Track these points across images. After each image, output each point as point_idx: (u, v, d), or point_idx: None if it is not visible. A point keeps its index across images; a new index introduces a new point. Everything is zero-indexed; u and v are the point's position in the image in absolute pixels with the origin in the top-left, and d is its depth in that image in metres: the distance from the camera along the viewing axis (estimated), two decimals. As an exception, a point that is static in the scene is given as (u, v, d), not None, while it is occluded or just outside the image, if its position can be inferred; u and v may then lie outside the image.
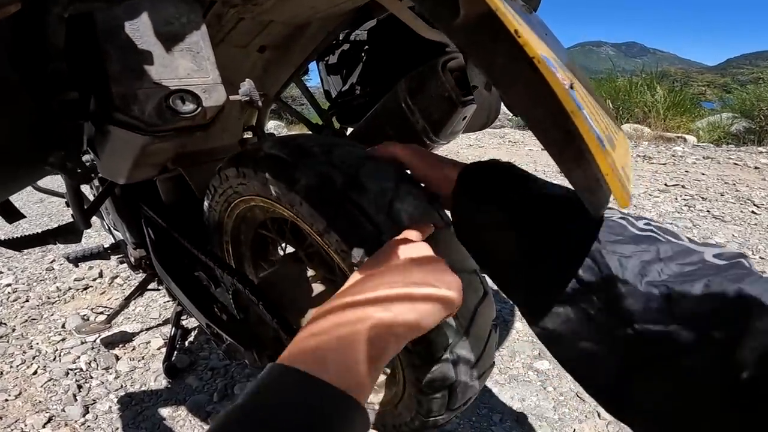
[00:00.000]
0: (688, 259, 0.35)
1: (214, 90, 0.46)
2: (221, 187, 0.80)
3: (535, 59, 0.30)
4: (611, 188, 0.32)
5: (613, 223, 0.40)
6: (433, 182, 0.60)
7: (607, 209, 0.42)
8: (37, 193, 3.71)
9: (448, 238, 0.62)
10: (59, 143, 0.41)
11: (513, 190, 0.48)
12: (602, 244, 0.37)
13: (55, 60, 0.38)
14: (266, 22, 0.76)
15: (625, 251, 0.36)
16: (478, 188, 0.51)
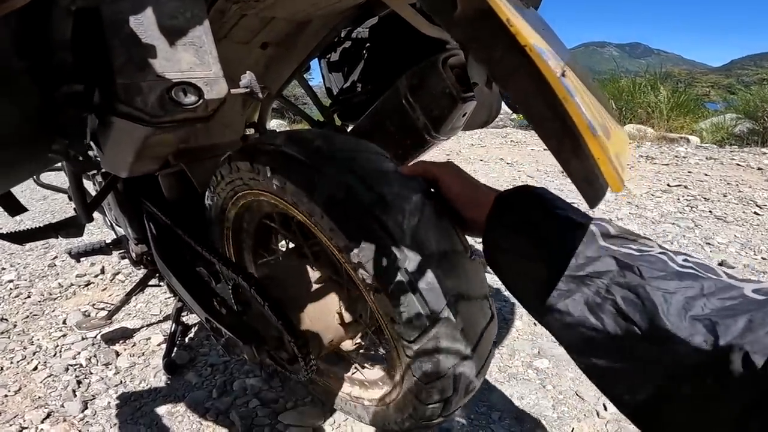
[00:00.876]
0: (729, 294, 0.37)
1: (215, 83, 0.46)
2: (230, 176, 0.80)
3: (526, 47, 0.31)
4: (603, 172, 0.32)
5: (654, 258, 0.41)
6: (463, 205, 0.62)
7: (646, 244, 0.44)
8: (40, 190, 3.74)
9: (465, 263, 0.65)
10: (63, 132, 0.41)
11: (545, 221, 0.49)
12: (646, 280, 0.39)
13: (61, 51, 0.39)
14: (269, 18, 0.76)
15: (669, 287, 0.38)
16: (511, 218, 0.53)
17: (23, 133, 0.42)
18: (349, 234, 0.64)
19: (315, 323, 0.90)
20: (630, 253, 0.43)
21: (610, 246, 0.44)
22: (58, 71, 0.40)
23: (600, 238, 0.45)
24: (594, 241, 0.45)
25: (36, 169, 0.49)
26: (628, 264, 0.41)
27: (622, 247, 0.44)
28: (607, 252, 0.43)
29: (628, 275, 0.40)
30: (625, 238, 0.46)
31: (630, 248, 0.43)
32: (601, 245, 0.45)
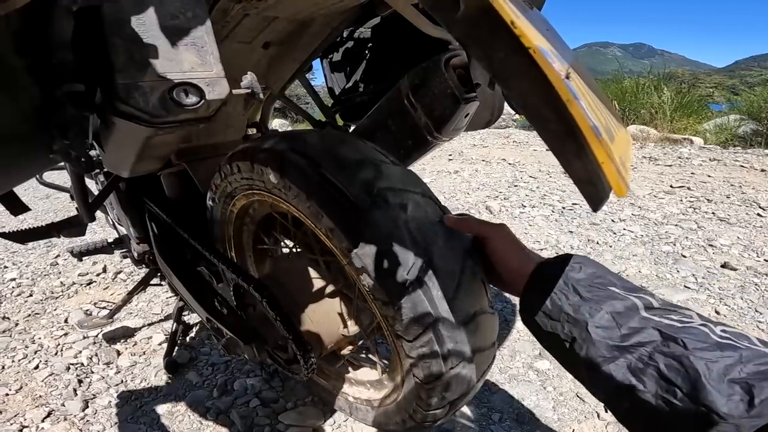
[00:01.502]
0: (763, 360, 0.41)
1: (217, 84, 0.46)
2: (247, 174, 0.80)
3: (530, 49, 0.31)
4: (607, 175, 0.32)
5: (696, 330, 0.45)
6: (505, 270, 0.64)
7: (685, 314, 0.48)
8: (43, 189, 3.75)
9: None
10: (64, 132, 0.41)
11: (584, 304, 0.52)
12: (690, 351, 0.43)
13: (62, 50, 0.39)
14: (271, 18, 0.76)
15: (711, 357, 0.42)
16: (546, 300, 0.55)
17: (24, 133, 0.42)
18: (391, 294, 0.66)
19: (316, 323, 0.90)
20: (672, 324, 0.46)
21: (652, 317, 0.48)
22: (59, 70, 0.40)
23: (642, 310, 0.49)
24: (636, 313, 0.48)
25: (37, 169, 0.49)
26: (671, 336, 0.45)
27: (663, 318, 0.47)
28: (650, 323, 0.47)
29: (671, 345, 0.44)
30: (665, 309, 0.49)
31: (671, 319, 0.47)
32: (643, 316, 0.48)
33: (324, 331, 0.91)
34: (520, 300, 0.60)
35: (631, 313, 0.48)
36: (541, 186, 3.39)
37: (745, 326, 1.56)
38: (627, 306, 0.49)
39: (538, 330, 0.57)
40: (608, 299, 0.50)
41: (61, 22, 0.38)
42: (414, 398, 0.79)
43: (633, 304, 0.49)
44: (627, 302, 0.50)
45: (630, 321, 0.48)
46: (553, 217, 2.71)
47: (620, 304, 0.50)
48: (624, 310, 0.49)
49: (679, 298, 1.74)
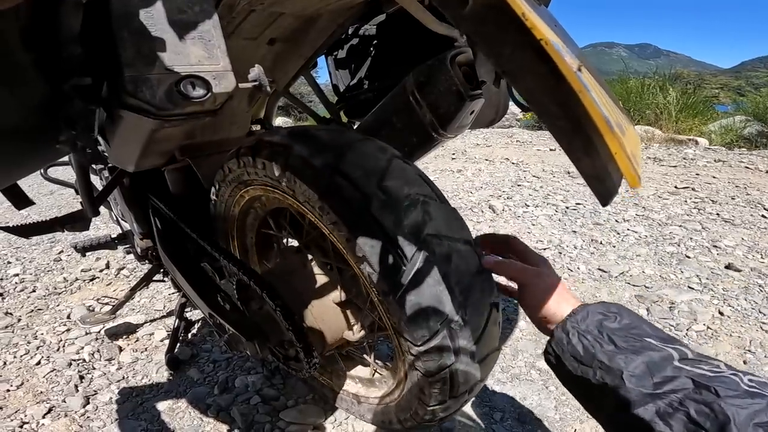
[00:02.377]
0: None
1: (224, 77, 0.46)
2: (260, 171, 0.80)
3: (542, 41, 0.30)
4: (620, 167, 0.32)
5: (728, 379, 0.47)
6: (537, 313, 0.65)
7: (716, 365, 0.50)
8: (47, 185, 3.77)
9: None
10: (71, 123, 0.41)
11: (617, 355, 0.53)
12: (722, 398, 0.45)
13: (70, 44, 0.39)
14: (277, 14, 0.76)
15: (742, 404, 0.44)
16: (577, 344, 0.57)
17: (30, 125, 0.42)
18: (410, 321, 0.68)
19: (318, 320, 0.90)
20: (704, 374, 0.48)
21: (684, 367, 0.50)
22: (66, 64, 0.40)
23: (676, 360, 0.51)
24: (670, 363, 0.51)
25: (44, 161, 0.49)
26: (704, 384, 0.47)
27: (695, 368, 0.49)
28: (683, 372, 0.49)
29: (704, 393, 0.46)
30: (698, 360, 0.51)
31: (702, 369, 0.49)
32: (676, 366, 0.50)
33: (327, 329, 0.91)
34: (549, 340, 0.62)
35: (665, 363, 0.51)
36: (545, 186, 3.38)
37: (748, 327, 1.55)
38: (662, 357, 0.51)
39: (565, 372, 0.59)
40: (644, 350, 0.52)
41: (70, 16, 0.38)
42: (416, 396, 0.79)
43: (669, 355, 0.52)
44: (663, 353, 0.52)
45: (664, 370, 0.50)
46: (557, 217, 2.70)
47: (656, 354, 0.52)
48: (659, 360, 0.51)
49: (683, 299, 1.73)
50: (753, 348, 1.45)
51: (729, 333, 1.53)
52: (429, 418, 0.82)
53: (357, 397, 1.02)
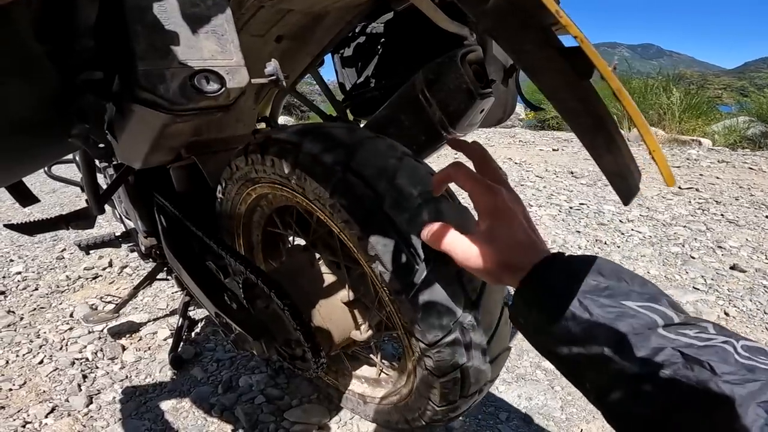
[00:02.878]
0: None
1: (237, 72, 0.46)
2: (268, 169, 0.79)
3: (578, 38, 0.30)
4: (659, 164, 0.31)
5: (720, 349, 0.41)
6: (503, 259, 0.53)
7: (704, 328, 0.43)
8: (50, 183, 3.77)
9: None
10: (83, 116, 0.41)
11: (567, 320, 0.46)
12: (719, 376, 0.39)
13: (84, 37, 0.39)
14: (285, 11, 0.75)
15: (740, 381, 0.38)
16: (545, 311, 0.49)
17: (43, 118, 0.41)
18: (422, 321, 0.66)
19: (326, 320, 0.89)
20: (692, 343, 0.42)
21: (669, 335, 0.43)
22: (79, 57, 0.39)
23: (660, 328, 0.44)
24: (654, 332, 0.44)
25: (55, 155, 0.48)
26: (695, 358, 0.40)
27: (682, 336, 0.43)
28: (669, 342, 0.42)
29: (696, 369, 0.40)
30: (683, 324, 0.44)
31: (690, 337, 0.42)
32: (660, 334, 0.43)
33: (335, 328, 0.90)
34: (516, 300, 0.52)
35: (648, 333, 0.44)
36: (548, 186, 3.37)
37: (754, 328, 1.55)
38: (644, 324, 0.44)
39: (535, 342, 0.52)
40: (623, 317, 0.45)
41: (85, 7, 0.38)
42: (425, 396, 0.79)
43: (652, 322, 0.44)
44: (644, 320, 0.45)
45: (648, 341, 0.43)
46: (560, 217, 2.69)
47: (637, 323, 0.44)
48: (641, 329, 0.44)
49: (688, 299, 1.73)
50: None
51: (735, 334, 1.53)
52: (438, 418, 0.81)
53: (363, 397, 1.01)
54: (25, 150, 0.44)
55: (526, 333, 0.52)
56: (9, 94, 0.38)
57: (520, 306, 0.51)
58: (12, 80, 0.37)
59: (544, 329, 0.49)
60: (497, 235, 0.53)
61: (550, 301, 0.48)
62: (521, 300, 0.51)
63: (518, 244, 0.53)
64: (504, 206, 0.54)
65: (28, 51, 0.37)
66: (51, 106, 0.41)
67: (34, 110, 0.40)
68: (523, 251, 0.52)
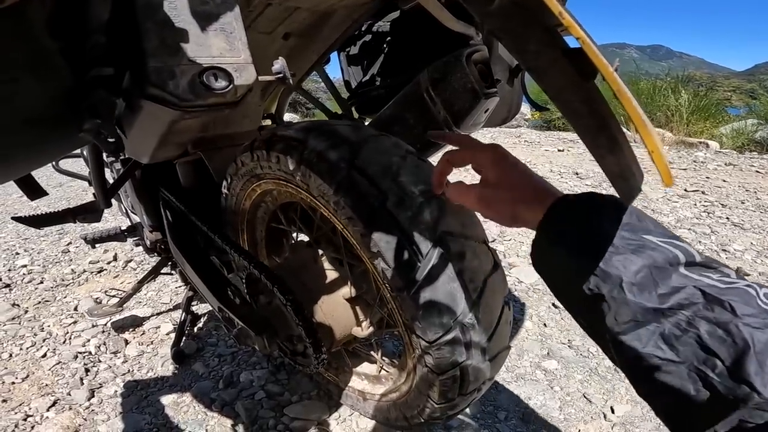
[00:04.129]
0: None
1: (245, 69, 0.46)
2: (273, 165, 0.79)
3: (580, 39, 0.30)
4: (657, 165, 0.32)
5: (742, 291, 0.39)
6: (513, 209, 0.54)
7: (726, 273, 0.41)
8: (56, 177, 3.79)
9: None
10: (95, 111, 0.41)
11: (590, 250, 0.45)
12: (740, 317, 0.37)
13: (96, 34, 0.39)
14: (292, 8, 0.76)
15: (761, 325, 0.37)
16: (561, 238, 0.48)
17: (55, 113, 0.42)
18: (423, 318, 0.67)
19: (328, 316, 0.90)
20: (714, 284, 0.40)
21: (691, 275, 0.42)
22: (90, 53, 0.40)
23: (682, 266, 0.42)
24: (676, 269, 0.42)
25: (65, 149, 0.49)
26: (717, 297, 0.39)
27: (704, 277, 0.41)
28: (690, 281, 0.41)
29: (717, 309, 0.38)
30: (706, 265, 0.43)
31: (712, 278, 0.41)
32: (682, 273, 0.42)
33: (336, 324, 0.91)
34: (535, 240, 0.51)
35: (670, 269, 0.41)
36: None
37: (757, 333, 1.54)
38: (666, 259, 0.42)
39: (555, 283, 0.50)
40: (644, 249, 0.43)
41: (98, 5, 0.38)
42: (424, 393, 0.79)
43: (674, 257, 0.42)
44: (666, 254, 0.42)
45: (668, 278, 0.41)
46: (564, 218, 2.69)
47: (659, 256, 0.42)
48: (663, 263, 0.42)
49: (690, 303, 1.72)
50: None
51: (737, 338, 1.52)
52: (437, 415, 0.82)
53: (363, 393, 1.02)
54: (37, 144, 0.45)
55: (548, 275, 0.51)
56: (23, 89, 0.39)
57: (543, 245, 0.50)
58: (26, 76, 0.38)
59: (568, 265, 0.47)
60: (509, 177, 0.54)
61: (573, 235, 0.46)
62: (544, 237, 0.50)
63: (532, 181, 0.53)
64: (505, 152, 0.55)
65: (42, 47, 0.37)
66: (63, 102, 0.42)
67: (46, 105, 0.41)
68: (539, 187, 0.52)
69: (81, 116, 0.41)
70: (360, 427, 1.16)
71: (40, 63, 0.38)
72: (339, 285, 0.92)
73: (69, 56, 0.39)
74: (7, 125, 0.39)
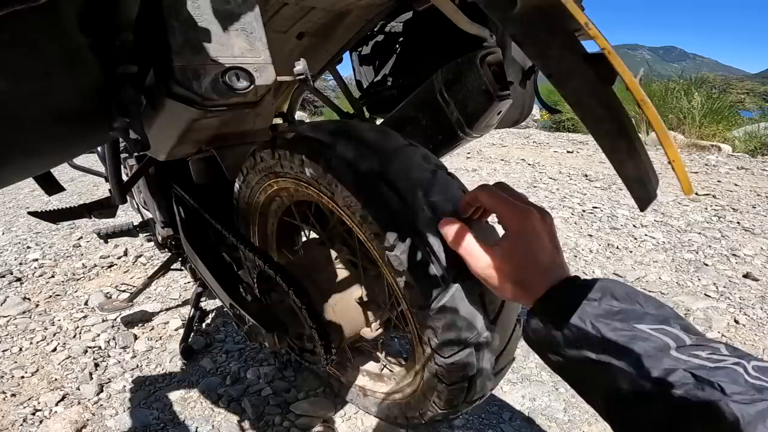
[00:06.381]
0: None
1: (265, 69, 0.47)
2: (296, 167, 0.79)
3: (606, 50, 0.30)
4: (678, 174, 0.32)
5: (731, 370, 0.41)
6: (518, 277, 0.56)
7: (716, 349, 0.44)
8: (67, 172, 3.83)
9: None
10: (125, 110, 0.42)
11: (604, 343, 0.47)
12: (729, 396, 0.39)
13: (125, 31, 0.40)
14: (308, 8, 0.76)
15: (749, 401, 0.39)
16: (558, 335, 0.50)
17: (83, 109, 0.43)
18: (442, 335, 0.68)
19: (338, 316, 0.90)
20: (704, 364, 0.43)
21: (681, 357, 0.44)
22: (118, 51, 0.41)
23: (673, 350, 0.45)
24: (667, 354, 0.44)
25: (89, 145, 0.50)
26: (706, 379, 0.41)
27: (694, 358, 0.44)
28: (681, 364, 0.43)
29: (707, 390, 0.41)
30: (696, 345, 0.45)
31: (701, 358, 0.43)
32: (673, 356, 0.44)
33: (346, 324, 0.91)
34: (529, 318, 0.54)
35: (661, 354, 0.45)
36: (561, 188, 3.35)
37: (763, 336, 1.54)
38: (657, 347, 0.45)
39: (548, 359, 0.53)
40: (636, 340, 0.46)
41: (128, 2, 0.39)
42: (429, 398, 0.80)
43: (664, 345, 0.45)
44: (657, 343, 0.45)
45: (660, 362, 0.44)
46: (573, 220, 2.68)
47: (650, 346, 0.45)
48: (654, 352, 0.45)
49: (698, 306, 1.71)
50: (766, 356, 1.44)
51: (743, 341, 1.52)
52: (438, 419, 0.84)
53: (363, 389, 1.03)
54: (67, 139, 0.46)
55: (535, 348, 0.54)
56: (56, 84, 0.39)
57: (533, 326, 0.53)
58: (59, 71, 0.38)
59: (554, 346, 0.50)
60: (517, 253, 0.55)
61: (563, 324, 0.49)
62: (534, 320, 0.52)
63: (536, 265, 0.54)
64: (530, 228, 0.55)
65: (73, 43, 0.38)
66: (94, 98, 0.42)
67: (78, 101, 0.42)
68: (540, 272, 0.53)
69: (109, 113, 0.42)
70: (365, 425, 1.17)
71: (73, 58, 0.39)
72: (350, 284, 0.93)
73: (99, 53, 0.40)
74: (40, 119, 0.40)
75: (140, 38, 0.42)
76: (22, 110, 0.39)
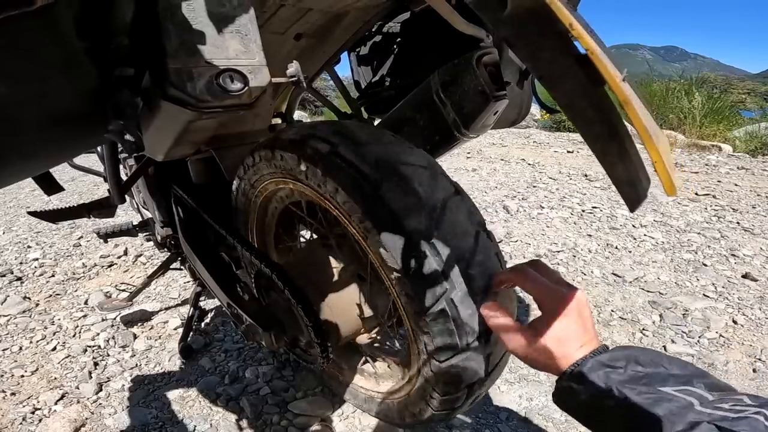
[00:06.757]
0: None
1: (259, 71, 0.47)
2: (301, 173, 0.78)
3: (589, 51, 0.30)
4: (660, 175, 0.32)
5: (752, 419, 0.44)
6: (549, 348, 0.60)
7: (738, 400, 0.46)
8: (68, 172, 3.83)
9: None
10: (120, 113, 0.43)
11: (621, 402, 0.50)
12: None
13: (120, 35, 0.40)
14: (305, 10, 0.77)
15: None
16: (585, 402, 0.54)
17: (80, 112, 0.43)
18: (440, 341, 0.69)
19: (335, 313, 0.91)
20: (726, 416, 0.45)
21: (705, 410, 0.47)
22: (114, 54, 0.41)
23: (696, 406, 0.48)
24: (691, 410, 0.47)
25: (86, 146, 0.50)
26: (729, 429, 0.43)
27: (716, 411, 0.46)
28: (704, 417, 0.46)
29: None
30: (718, 400, 0.48)
31: (724, 410, 0.46)
32: (697, 410, 0.47)
33: (343, 324, 0.92)
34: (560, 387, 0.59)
35: (685, 411, 0.47)
36: (561, 188, 3.35)
37: (761, 336, 1.54)
38: (681, 407, 0.48)
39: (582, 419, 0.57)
40: (660, 402, 0.49)
41: (122, 6, 0.40)
42: (425, 399, 0.80)
43: (688, 404, 0.48)
44: (681, 403, 0.48)
45: (685, 417, 0.47)
46: (572, 220, 2.68)
47: (674, 406, 0.48)
48: (678, 411, 0.47)
49: (697, 306, 1.71)
50: (764, 357, 1.44)
51: (741, 341, 1.52)
52: (434, 420, 0.84)
53: (360, 388, 1.03)
54: (63, 141, 0.46)
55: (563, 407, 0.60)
56: (53, 87, 0.40)
57: (561, 393, 0.58)
58: (55, 74, 0.39)
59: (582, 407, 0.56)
60: (549, 334, 0.59)
61: (589, 392, 0.53)
62: (561, 388, 0.58)
63: (566, 342, 0.58)
64: (561, 310, 0.59)
65: (69, 47, 0.38)
66: (90, 101, 0.43)
67: (74, 104, 0.42)
68: (568, 345, 0.58)
69: (106, 115, 0.42)
70: (363, 424, 1.17)
71: (69, 62, 0.39)
72: (348, 284, 0.93)
73: (95, 56, 0.40)
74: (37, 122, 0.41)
75: (136, 41, 0.43)
76: (19, 113, 0.39)
